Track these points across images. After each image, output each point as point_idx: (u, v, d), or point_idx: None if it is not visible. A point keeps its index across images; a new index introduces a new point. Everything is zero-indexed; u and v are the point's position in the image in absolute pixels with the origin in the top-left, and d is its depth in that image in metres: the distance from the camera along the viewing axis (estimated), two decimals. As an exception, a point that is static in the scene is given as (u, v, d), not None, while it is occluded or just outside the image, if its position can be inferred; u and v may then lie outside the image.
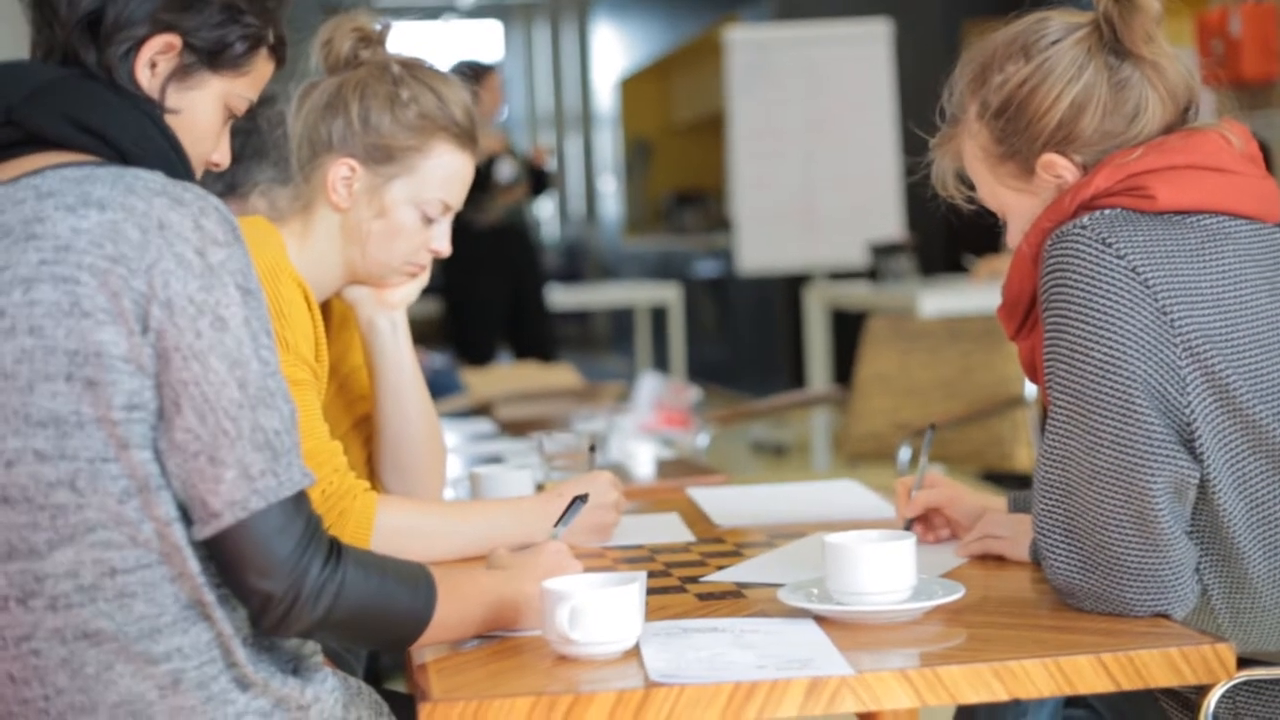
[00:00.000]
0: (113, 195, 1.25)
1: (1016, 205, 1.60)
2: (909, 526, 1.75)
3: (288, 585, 1.26)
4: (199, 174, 1.39)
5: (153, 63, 1.34)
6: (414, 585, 1.36)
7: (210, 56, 1.37)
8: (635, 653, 1.34)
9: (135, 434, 1.24)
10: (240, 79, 1.40)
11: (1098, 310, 1.43)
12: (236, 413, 1.25)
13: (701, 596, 1.56)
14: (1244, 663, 1.41)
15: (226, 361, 1.25)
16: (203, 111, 1.38)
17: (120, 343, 1.23)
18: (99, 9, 1.32)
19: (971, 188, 1.66)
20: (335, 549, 1.30)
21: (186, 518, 1.26)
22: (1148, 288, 1.43)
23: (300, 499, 1.29)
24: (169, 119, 1.35)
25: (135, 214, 1.24)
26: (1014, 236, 1.60)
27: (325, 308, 1.92)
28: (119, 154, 1.30)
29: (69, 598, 1.25)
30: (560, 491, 1.80)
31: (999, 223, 1.66)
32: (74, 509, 1.24)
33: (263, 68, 1.42)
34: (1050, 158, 1.54)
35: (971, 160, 1.62)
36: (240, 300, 1.26)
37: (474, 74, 5.99)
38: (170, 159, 1.32)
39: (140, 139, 1.31)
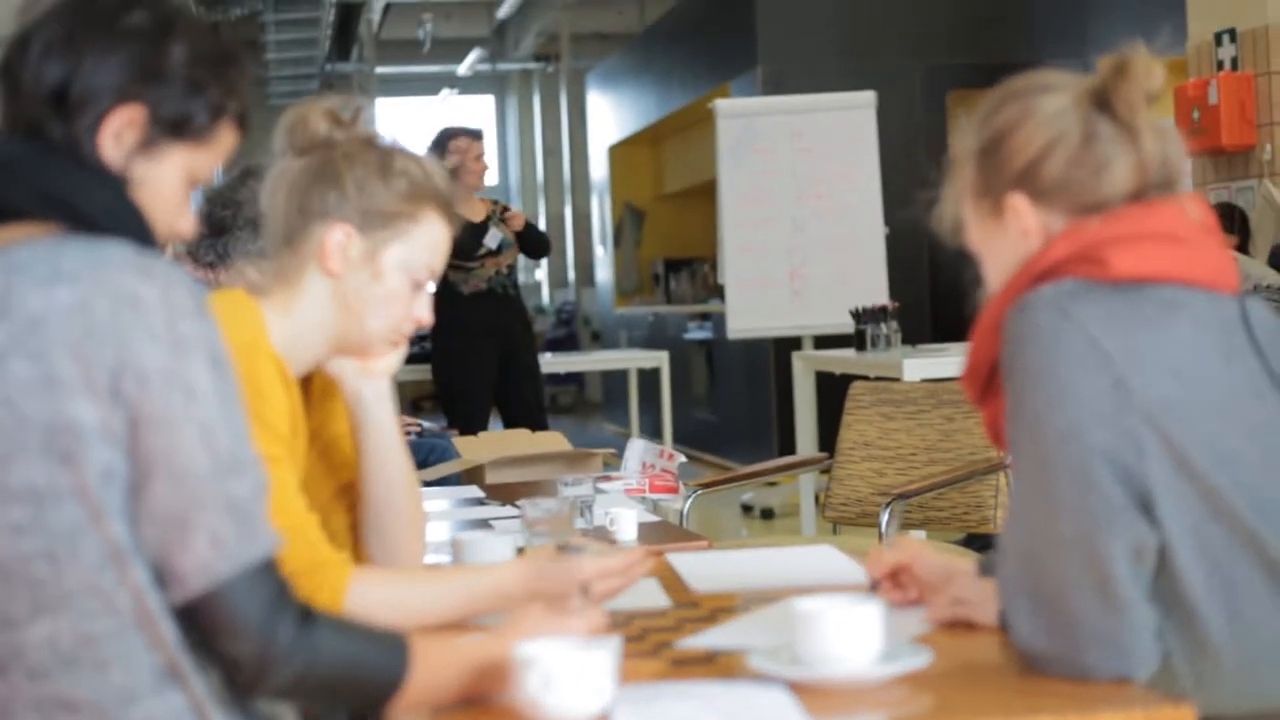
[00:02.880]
0: (83, 268, 1.27)
1: (987, 249, 1.63)
2: (874, 587, 1.77)
3: (258, 649, 1.28)
4: (167, 244, 1.41)
5: (118, 134, 1.35)
6: (387, 649, 1.38)
7: (174, 128, 1.38)
8: (606, 718, 1.36)
9: (110, 504, 1.26)
10: (204, 149, 1.41)
11: (1057, 379, 1.46)
12: (206, 480, 1.27)
13: (674, 662, 1.58)
14: (1206, 724, 1.43)
15: (196, 430, 1.27)
16: (167, 182, 1.39)
17: (93, 415, 1.24)
18: (64, 82, 1.33)
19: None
20: (306, 612, 1.32)
21: (161, 584, 1.28)
22: (1106, 357, 1.47)
23: (270, 564, 1.31)
24: (134, 190, 1.36)
25: (105, 287, 1.26)
26: (990, 283, 1.63)
27: (306, 378, 1.95)
28: (88, 226, 1.31)
29: (47, 667, 1.26)
30: (532, 560, 1.81)
31: (978, 286, 1.68)
32: (51, 580, 1.25)
33: (226, 138, 1.43)
34: (1016, 199, 1.58)
35: (961, 199, 1.65)
36: (209, 370, 1.28)
37: (461, 139, 6.05)
38: (139, 231, 1.33)
39: (109, 211, 1.32)
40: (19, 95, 1.35)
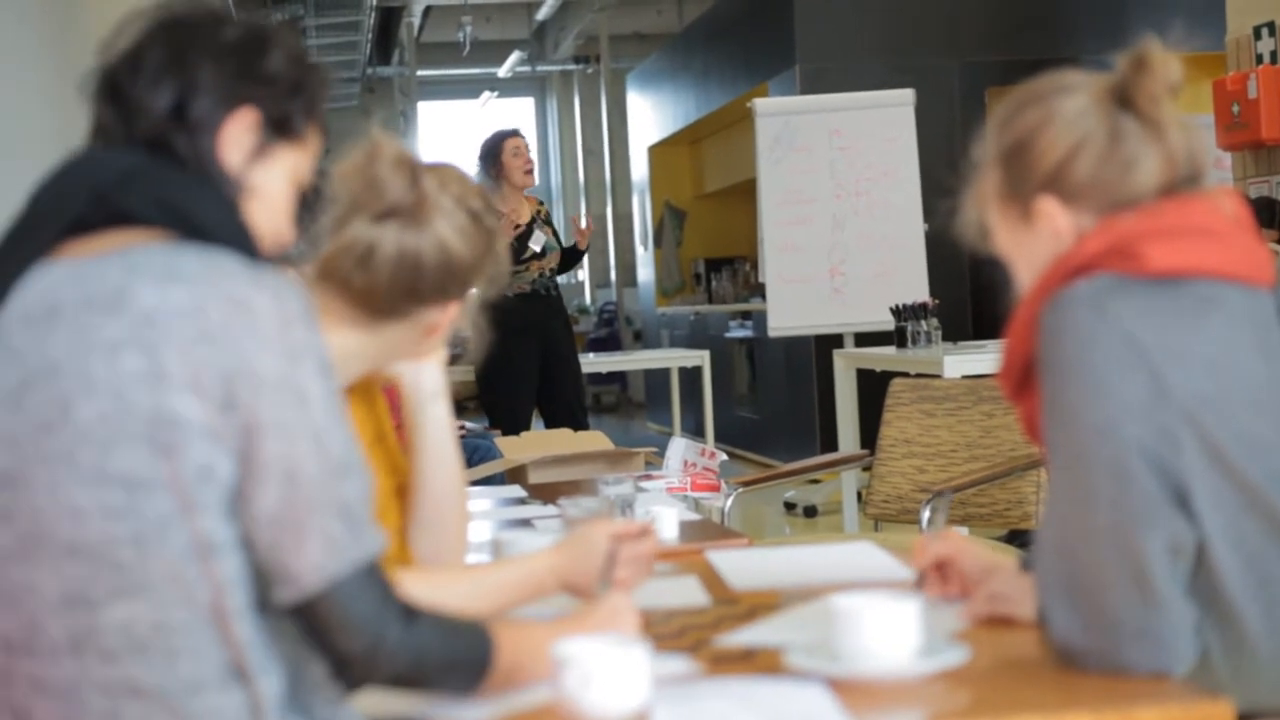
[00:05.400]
0: (198, 271, 1.31)
1: (1017, 252, 1.63)
2: (921, 578, 1.79)
3: (369, 646, 1.33)
4: (273, 257, 1.46)
5: (237, 139, 1.41)
6: (476, 639, 1.43)
7: (279, 127, 1.44)
8: (646, 715, 1.37)
9: (203, 500, 1.29)
10: (303, 150, 1.47)
11: (1093, 375, 1.47)
12: (321, 484, 1.31)
13: (713, 659, 1.59)
14: (1245, 718, 1.44)
15: (310, 436, 1.31)
16: (277, 187, 1.45)
17: (197, 413, 1.28)
18: (181, 97, 1.39)
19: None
20: (409, 609, 1.37)
21: (244, 584, 1.31)
22: (1142, 352, 1.47)
23: (376, 564, 1.35)
24: (249, 199, 1.42)
25: (219, 291, 1.30)
26: (1022, 286, 1.64)
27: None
28: (200, 235, 1.36)
29: (119, 651, 1.29)
30: (561, 545, 1.84)
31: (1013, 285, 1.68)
32: (135, 566, 1.29)
33: (315, 140, 1.49)
34: (1046, 202, 1.58)
35: (987, 204, 1.65)
36: (318, 377, 1.33)
37: (501, 138, 6.10)
38: (246, 245, 1.38)
39: (223, 223, 1.37)
40: (136, 115, 1.40)
